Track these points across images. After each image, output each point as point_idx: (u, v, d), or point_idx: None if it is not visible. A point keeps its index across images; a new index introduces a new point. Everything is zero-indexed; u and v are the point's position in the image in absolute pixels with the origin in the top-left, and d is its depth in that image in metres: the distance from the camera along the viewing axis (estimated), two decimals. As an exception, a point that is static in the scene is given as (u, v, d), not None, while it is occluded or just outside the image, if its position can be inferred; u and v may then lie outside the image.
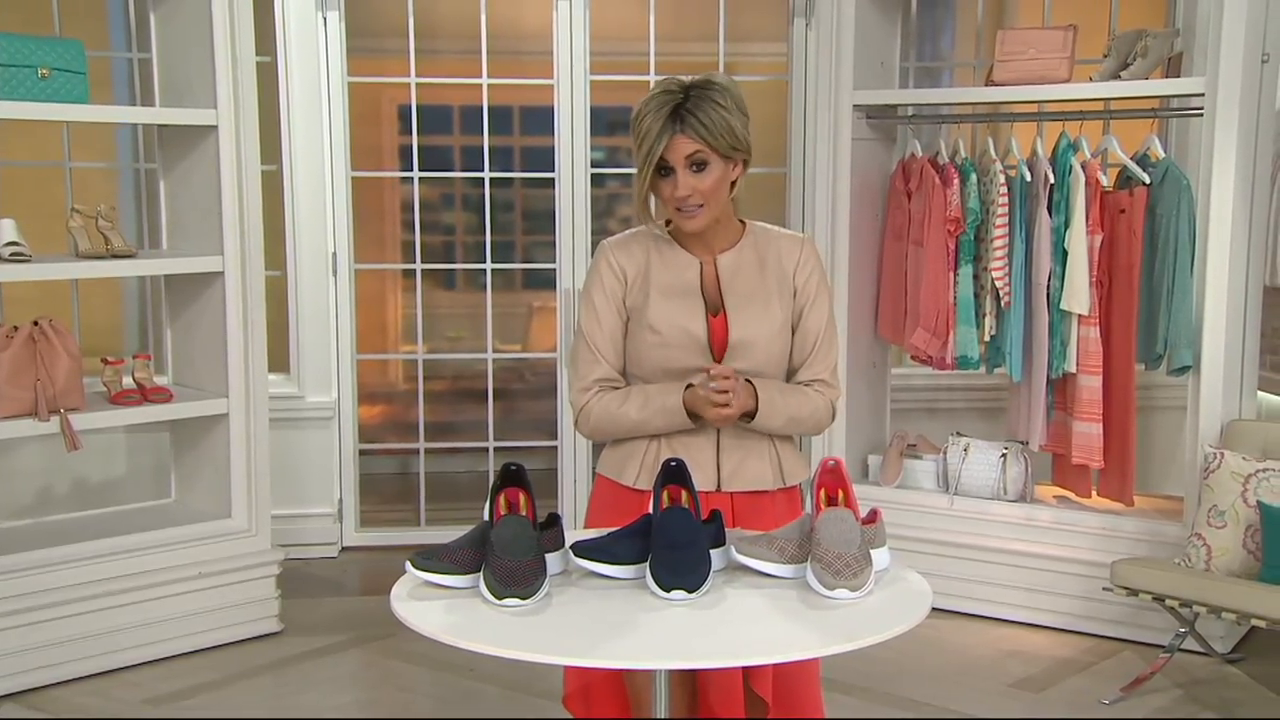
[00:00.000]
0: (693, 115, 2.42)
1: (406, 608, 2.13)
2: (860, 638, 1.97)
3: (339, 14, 5.20)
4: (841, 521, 2.15)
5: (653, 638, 2.03)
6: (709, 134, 2.42)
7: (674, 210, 2.50)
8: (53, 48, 3.87)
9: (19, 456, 4.89)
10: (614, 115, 6.10)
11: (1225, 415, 4.15)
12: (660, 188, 2.48)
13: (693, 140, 2.42)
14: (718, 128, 2.43)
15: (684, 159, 2.44)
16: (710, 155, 2.44)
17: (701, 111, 2.42)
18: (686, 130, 2.42)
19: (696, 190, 2.45)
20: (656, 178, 2.47)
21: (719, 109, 2.43)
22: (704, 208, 2.48)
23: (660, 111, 2.43)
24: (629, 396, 2.55)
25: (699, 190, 2.46)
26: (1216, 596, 3.68)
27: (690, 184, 2.45)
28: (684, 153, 2.43)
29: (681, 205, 2.47)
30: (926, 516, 4.64)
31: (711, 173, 2.46)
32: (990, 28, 5.41)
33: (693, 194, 2.46)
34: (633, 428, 2.55)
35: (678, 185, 2.45)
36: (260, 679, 4.07)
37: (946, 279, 4.58)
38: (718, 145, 2.44)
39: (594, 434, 2.61)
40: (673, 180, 2.46)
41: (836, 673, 3.95)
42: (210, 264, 4.21)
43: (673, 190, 2.46)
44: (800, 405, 2.56)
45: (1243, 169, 4.08)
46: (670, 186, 2.46)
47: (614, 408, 2.55)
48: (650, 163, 2.43)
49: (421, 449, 5.61)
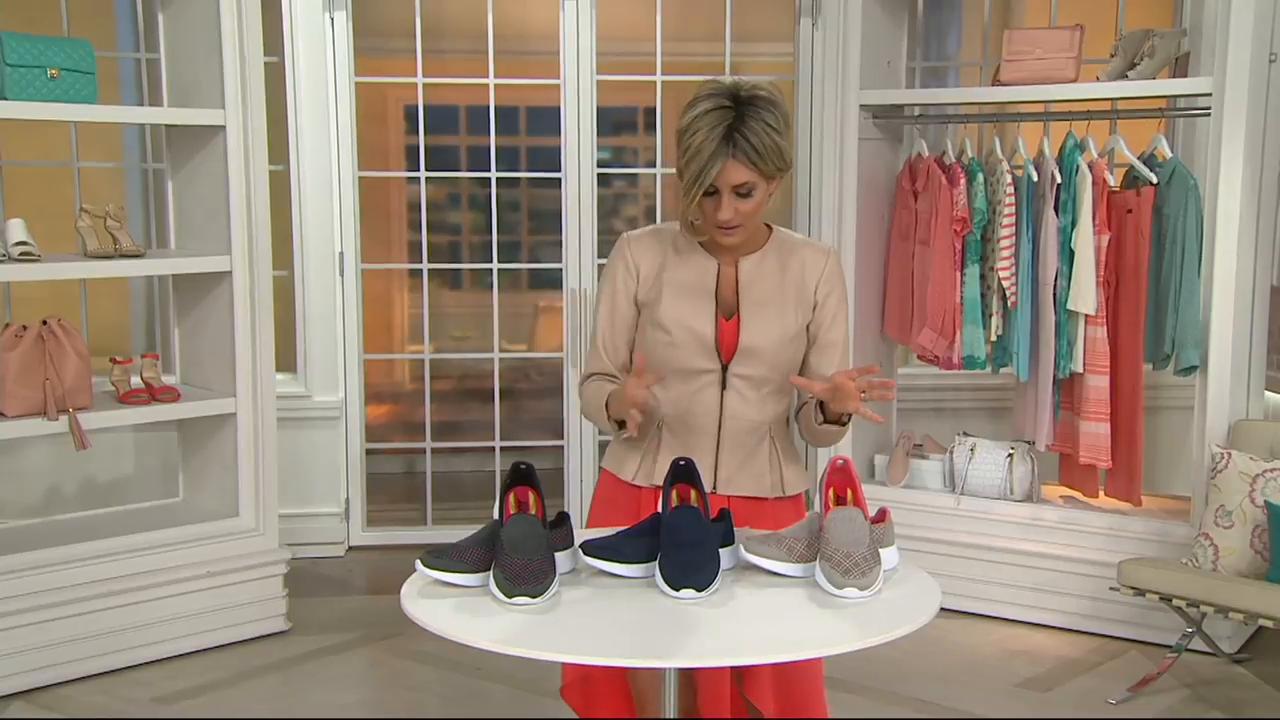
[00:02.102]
0: (745, 140, 2.38)
1: (416, 606, 2.14)
2: (869, 636, 1.98)
3: (346, 14, 5.21)
4: (850, 520, 2.15)
5: (662, 636, 2.03)
6: (760, 160, 2.40)
7: (714, 227, 2.49)
8: (62, 48, 3.88)
9: (28, 455, 4.90)
10: (620, 115, 6.11)
11: (1233, 415, 4.15)
12: (703, 205, 2.47)
13: (744, 167, 2.40)
14: (769, 152, 2.41)
15: (732, 187, 2.42)
16: (757, 181, 2.43)
17: (754, 135, 2.39)
18: (738, 155, 2.39)
19: (739, 212, 2.45)
20: (701, 196, 2.45)
21: (770, 131, 2.40)
22: (743, 228, 2.49)
23: (713, 131, 2.38)
24: (599, 390, 2.59)
25: (741, 212, 2.45)
26: (1223, 597, 3.67)
27: (734, 207, 2.44)
28: (734, 181, 2.41)
29: (724, 225, 2.47)
30: (933, 516, 4.64)
31: (755, 197, 2.45)
32: (997, 27, 5.41)
33: (736, 215, 2.45)
34: (589, 404, 2.61)
35: (721, 208, 2.44)
36: (267, 678, 4.08)
37: (953, 279, 4.58)
38: (766, 170, 2.43)
39: (586, 417, 2.69)
40: (717, 200, 2.44)
41: (842, 672, 3.96)
42: (218, 264, 4.22)
43: (715, 210, 2.45)
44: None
45: (1250, 169, 4.08)
46: (714, 206, 2.45)
47: (587, 395, 2.63)
48: (701, 186, 2.41)
49: (428, 448, 5.62)
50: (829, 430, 2.50)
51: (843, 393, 2.35)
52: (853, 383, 2.34)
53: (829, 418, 2.47)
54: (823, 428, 2.49)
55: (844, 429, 2.50)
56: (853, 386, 2.34)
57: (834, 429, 2.49)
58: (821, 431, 2.51)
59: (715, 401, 2.56)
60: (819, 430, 2.51)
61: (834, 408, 2.41)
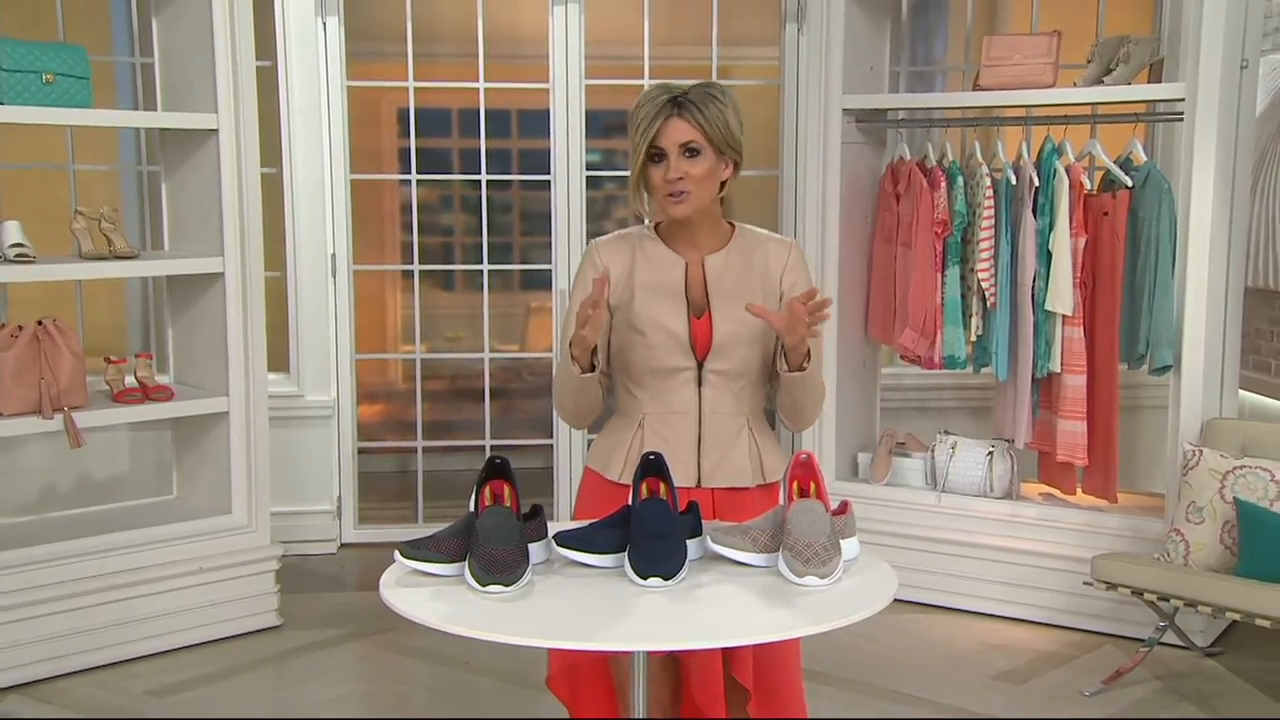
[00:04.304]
0: (691, 103, 2.51)
1: (395, 594, 2.21)
2: (826, 621, 2.05)
3: (338, 19, 5.28)
4: (811, 512, 2.23)
5: (631, 622, 2.11)
6: (705, 121, 2.50)
7: (663, 196, 2.55)
8: (57, 53, 3.93)
9: (24, 454, 4.96)
10: (609, 118, 6.17)
11: (1205, 414, 4.22)
12: (652, 174, 2.54)
13: (689, 125, 2.50)
14: (714, 119, 2.51)
15: (678, 145, 2.51)
16: (704, 144, 2.51)
17: (698, 100, 2.51)
18: (682, 114, 2.50)
19: (688, 175, 2.52)
20: (649, 164, 2.53)
21: (716, 102, 2.52)
22: (692, 195, 2.54)
23: (657, 100, 2.52)
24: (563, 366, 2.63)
25: (690, 175, 2.52)
26: (1192, 590, 3.75)
27: (682, 168, 2.51)
28: (678, 138, 2.50)
29: (671, 189, 2.53)
30: (914, 513, 4.72)
31: (704, 161, 2.52)
32: (980, 33, 5.47)
33: (684, 177, 2.52)
34: (560, 386, 2.62)
35: (669, 169, 2.52)
36: (260, 671, 4.15)
37: (934, 280, 4.65)
38: (712, 135, 2.51)
39: (558, 408, 2.68)
40: (665, 165, 2.52)
41: (823, 665, 4.03)
42: (211, 265, 4.27)
43: (664, 175, 2.52)
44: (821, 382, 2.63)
45: (1222, 172, 4.14)
46: (661, 171, 2.53)
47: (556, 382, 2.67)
48: (645, 141, 2.50)
49: (419, 447, 5.68)
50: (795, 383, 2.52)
51: (795, 318, 2.42)
52: (802, 307, 2.41)
53: (790, 364, 2.52)
54: (790, 378, 2.52)
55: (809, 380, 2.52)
56: (801, 309, 2.41)
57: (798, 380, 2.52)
58: (792, 385, 2.53)
59: (693, 398, 2.63)
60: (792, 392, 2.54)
61: (788, 340, 2.47)
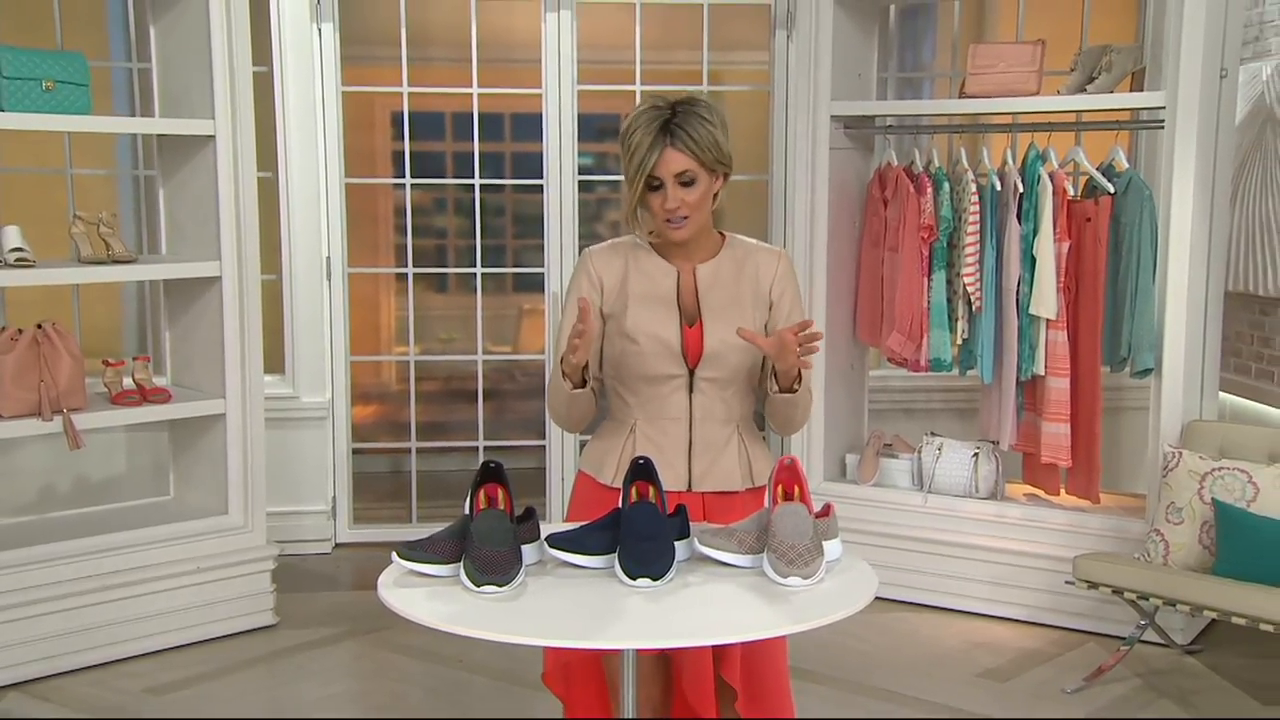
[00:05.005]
0: (682, 130, 2.57)
1: (392, 594, 2.27)
2: (809, 619, 2.13)
3: (333, 25, 5.32)
4: (795, 515, 2.30)
5: (621, 622, 2.18)
6: (698, 148, 2.57)
7: (663, 222, 2.64)
8: (57, 61, 3.98)
9: (23, 455, 4.99)
10: (602, 123, 6.22)
11: (1186, 416, 4.29)
12: (649, 200, 2.62)
13: (683, 155, 2.57)
14: (705, 142, 2.58)
15: (674, 175, 2.58)
16: (698, 170, 2.59)
17: (690, 127, 2.57)
18: (677, 144, 2.57)
19: (685, 203, 2.60)
20: (646, 191, 2.61)
21: (705, 124, 2.58)
22: (690, 220, 2.63)
23: (650, 126, 2.57)
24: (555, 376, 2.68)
25: (687, 203, 2.60)
26: (1171, 589, 3.82)
27: (679, 196, 2.59)
28: (674, 169, 2.58)
29: (671, 217, 2.61)
30: (901, 513, 4.78)
31: (698, 186, 2.60)
32: (967, 40, 5.54)
33: (681, 206, 2.60)
34: (554, 395, 2.66)
35: (668, 198, 2.60)
36: (256, 670, 4.20)
37: (921, 284, 4.71)
38: (705, 160, 2.59)
39: (551, 414, 2.73)
40: (662, 194, 2.60)
41: (811, 663, 4.10)
42: (208, 269, 4.32)
43: (662, 203, 2.60)
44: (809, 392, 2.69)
45: (1202, 179, 4.21)
46: (660, 199, 2.61)
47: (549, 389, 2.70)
48: (641, 175, 2.58)
49: (413, 448, 5.72)
50: (785, 401, 2.60)
51: (785, 347, 2.50)
52: (794, 337, 2.49)
53: (781, 386, 2.59)
54: (780, 397, 2.60)
55: (798, 399, 2.59)
56: (793, 339, 2.49)
57: (788, 399, 2.59)
58: (781, 403, 2.61)
59: (684, 404, 2.69)
60: (780, 408, 2.62)
61: (779, 365, 2.55)
